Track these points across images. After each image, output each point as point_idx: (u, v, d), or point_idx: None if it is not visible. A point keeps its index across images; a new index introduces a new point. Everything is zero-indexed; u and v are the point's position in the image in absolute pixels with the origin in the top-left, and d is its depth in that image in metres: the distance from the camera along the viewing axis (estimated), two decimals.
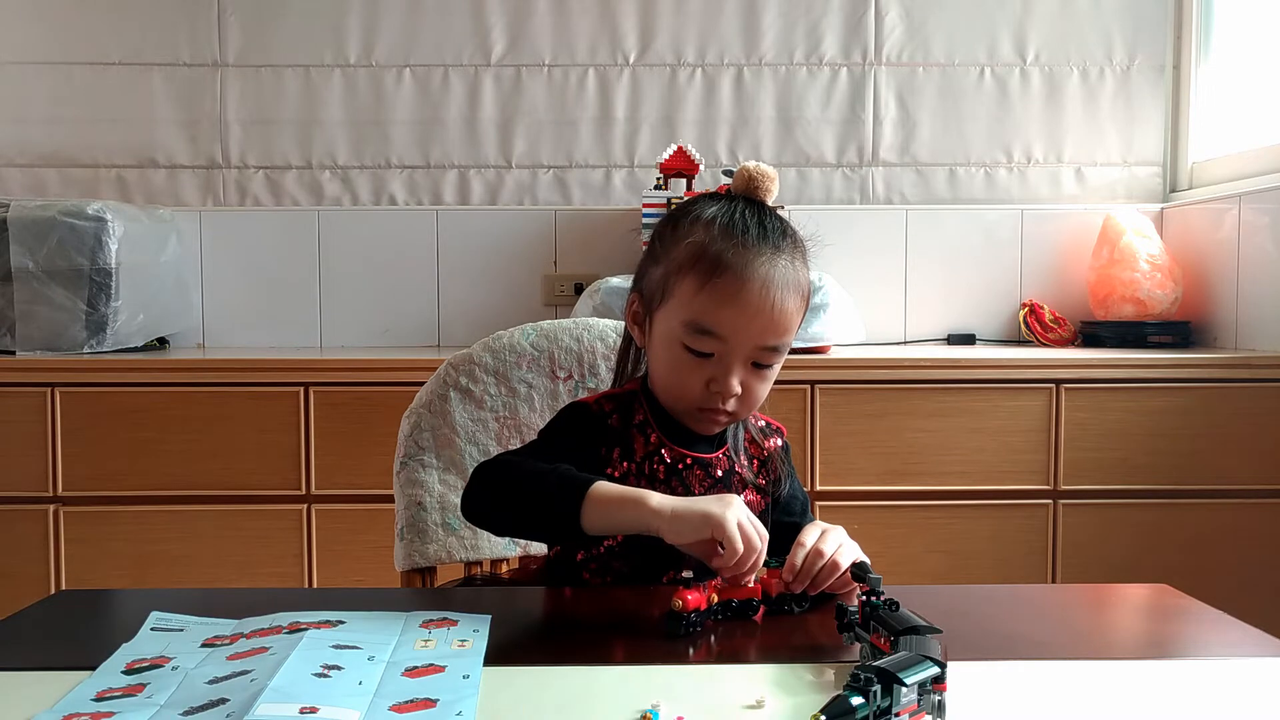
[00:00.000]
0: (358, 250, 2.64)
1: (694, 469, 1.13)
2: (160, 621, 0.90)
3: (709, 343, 1.06)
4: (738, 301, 1.04)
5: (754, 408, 1.12)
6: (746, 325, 1.05)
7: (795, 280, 1.07)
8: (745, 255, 1.05)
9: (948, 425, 2.12)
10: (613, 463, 1.11)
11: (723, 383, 1.06)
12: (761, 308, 1.05)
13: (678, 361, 1.08)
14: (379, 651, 0.81)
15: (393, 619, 0.90)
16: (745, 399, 1.09)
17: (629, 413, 1.14)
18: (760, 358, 1.08)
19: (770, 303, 1.05)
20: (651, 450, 1.12)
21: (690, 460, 1.13)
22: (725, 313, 1.05)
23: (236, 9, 2.63)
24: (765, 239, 1.07)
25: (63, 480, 2.09)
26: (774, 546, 0.98)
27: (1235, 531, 2.14)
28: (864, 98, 2.69)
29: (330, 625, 0.87)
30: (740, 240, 1.06)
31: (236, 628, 0.87)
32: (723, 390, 1.06)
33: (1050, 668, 0.81)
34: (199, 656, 0.81)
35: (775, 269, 1.06)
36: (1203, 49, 2.68)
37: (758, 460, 1.19)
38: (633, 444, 1.12)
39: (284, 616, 0.89)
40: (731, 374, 1.06)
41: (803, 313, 1.11)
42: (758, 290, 1.04)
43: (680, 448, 1.13)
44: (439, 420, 1.38)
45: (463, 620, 0.90)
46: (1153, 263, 2.48)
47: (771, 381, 1.11)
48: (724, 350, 1.06)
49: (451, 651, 0.82)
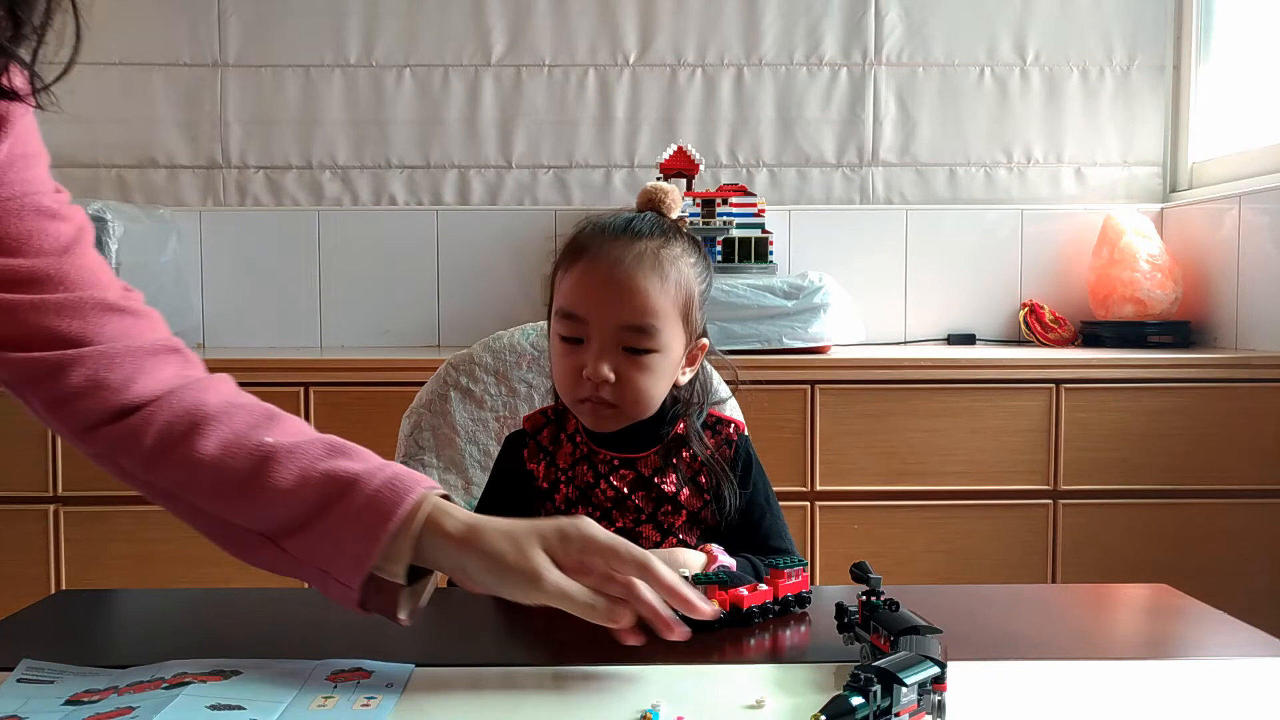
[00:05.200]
0: (358, 250, 2.64)
1: (619, 469, 1.13)
2: (31, 671, 0.79)
3: (574, 326, 1.08)
4: (591, 279, 1.08)
5: (641, 401, 1.09)
6: (599, 302, 1.07)
7: (656, 261, 1.08)
8: (602, 240, 1.10)
9: (948, 425, 2.12)
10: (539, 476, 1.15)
11: (591, 365, 1.06)
12: (613, 284, 1.07)
13: (558, 354, 1.11)
14: (263, 714, 0.71)
15: (296, 669, 0.79)
16: (624, 389, 1.08)
17: (564, 422, 1.16)
18: (628, 340, 1.07)
19: (622, 279, 1.07)
20: (579, 456, 1.14)
21: (616, 461, 1.13)
22: (581, 292, 1.08)
23: (236, 9, 2.63)
24: (629, 229, 1.11)
25: (63, 480, 2.09)
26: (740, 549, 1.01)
27: (1235, 531, 2.14)
28: (864, 98, 2.69)
29: (221, 677, 0.78)
30: (603, 230, 1.11)
31: (113, 680, 0.78)
32: (591, 373, 1.06)
33: (1050, 668, 0.81)
34: (54, 718, 0.72)
35: (630, 250, 1.08)
36: (1203, 49, 2.68)
37: (699, 459, 1.14)
38: (562, 453, 1.15)
39: (170, 666, 0.79)
40: (599, 358, 1.06)
41: (676, 300, 1.09)
42: (609, 267, 1.07)
43: (606, 449, 1.13)
44: (439, 420, 1.38)
45: (378, 671, 0.80)
46: (1153, 263, 2.48)
47: (660, 373, 1.09)
48: (588, 332, 1.08)
49: (349, 714, 0.72)
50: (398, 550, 0.78)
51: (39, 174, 0.82)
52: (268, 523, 0.81)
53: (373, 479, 0.80)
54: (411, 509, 0.79)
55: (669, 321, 1.09)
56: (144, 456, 0.82)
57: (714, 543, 1.08)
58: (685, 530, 1.13)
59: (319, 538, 0.79)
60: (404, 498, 0.79)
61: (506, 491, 1.17)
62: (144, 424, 0.81)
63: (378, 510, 0.78)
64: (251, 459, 0.80)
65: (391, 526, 0.78)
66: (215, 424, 0.81)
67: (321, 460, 0.81)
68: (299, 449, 0.81)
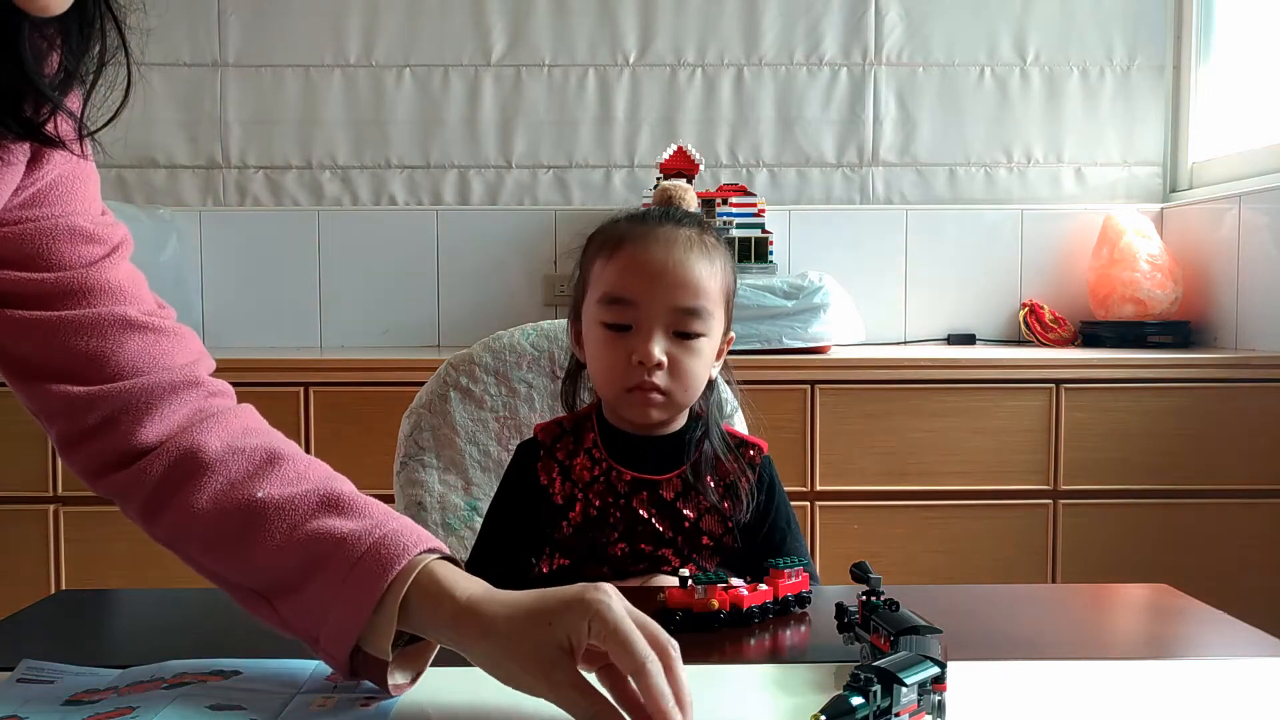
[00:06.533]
0: (358, 250, 2.64)
1: (640, 491, 1.10)
2: (31, 671, 0.79)
3: (623, 312, 1.07)
4: (641, 263, 1.07)
5: (689, 387, 1.08)
6: (653, 285, 1.06)
7: (702, 245, 1.09)
8: (646, 227, 1.10)
9: (948, 425, 2.12)
10: (552, 493, 1.11)
11: (642, 349, 1.05)
12: (666, 266, 1.06)
13: (601, 344, 1.09)
14: (263, 714, 0.70)
15: (296, 669, 0.79)
16: (675, 375, 1.07)
17: (581, 435, 1.14)
18: (679, 324, 1.07)
19: (674, 260, 1.07)
20: (598, 474, 1.11)
21: (637, 482, 1.10)
22: (631, 277, 1.07)
23: (236, 9, 2.63)
24: (667, 218, 1.12)
25: (63, 480, 2.09)
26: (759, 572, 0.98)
27: (1235, 531, 2.14)
28: (864, 98, 2.69)
29: (221, 677, 0.77)
30: (644, 219, 1.12)
31: (114, 680, 0.77)
32: (643, 357, 1.05)
33: (1050, 668, 0.81)
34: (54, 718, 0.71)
35: (678, 233, 1.09)
36: (1203, 49, 2.68)
37: (723, 484, 1.12)
38: (579, 468, 1.12)
39: (170, 667, 0.79)
40: (650, 340, 1.05)
41: (721, 286, 1.10)
42: (660, 250, 1.07)
43: (627, 469, 1.11)
44: (439, 420, 1.38)
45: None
46: (1153, 263, 2.48)
47: (706, 359, 1.09)
48: (638, 317, 1.06)
49: (351, 714, 0.71)
50: (381, 624, 0.71)
51: (82, 195, 0.80)
52: (259, 582, 0.76)
53: (359, 544, 0.73)
54: (396, 578, 0.71)
55: (716, 305, 1.09)
56: (140, 507, 0.79)
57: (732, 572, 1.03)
58: (707, 556, 1.11)
59: (306, 603, 0.74)
60: (390, 567, 0.71)
61: (517, 504, 1.14)
62: (143, 473, 0.78)
63: (360, 581, 0.71)
64: (240, 515, 0.75)
65: (372, 600, 0.71)
66: (210, 475, 0.77)
67: (310, 519, 0.75)
68: (290, 505, 0.76)
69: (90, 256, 0.79)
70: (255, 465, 0.78)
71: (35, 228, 0.76)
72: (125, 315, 0.79)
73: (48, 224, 0.77)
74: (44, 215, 0.77)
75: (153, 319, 0.82)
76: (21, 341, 0.77)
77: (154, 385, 0.79)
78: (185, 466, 0.77)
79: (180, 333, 0.84)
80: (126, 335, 0.79)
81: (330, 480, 0.80)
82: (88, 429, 0.79)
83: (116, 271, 0.81)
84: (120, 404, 0.78)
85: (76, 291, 0.78)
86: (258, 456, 0.79)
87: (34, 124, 0.68)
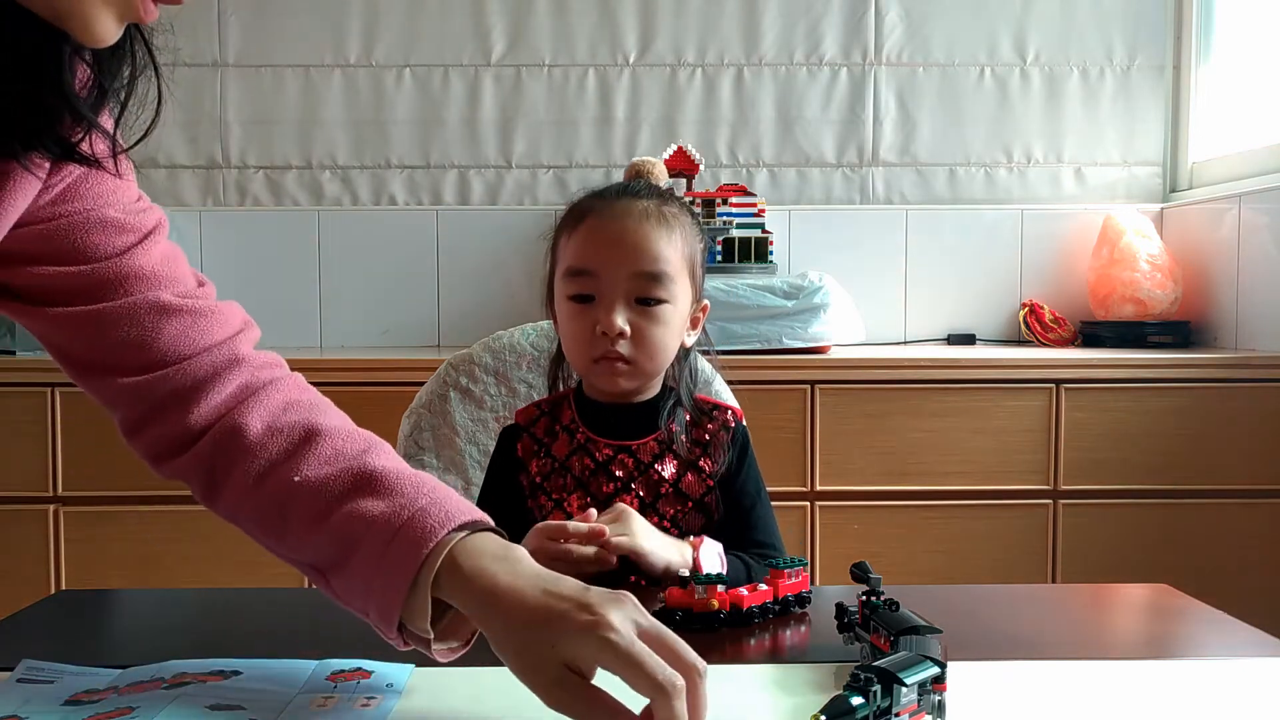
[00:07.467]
0: (358, 250, 2.64)
1: (617, 457, 1.14)
2: (31, 671, 0.79)
3: (585, 283, 1.10)
4: (599, 233, 1.10)
5: (655, 355, 1.11)
6: (610, 254, 1.09)
7: (660, 214, 1.11)
8: (604, 200, 1.13)
9: (948, 425, 2.12)
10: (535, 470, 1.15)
11: (605, 320, 1.08)
12: (623, 234, 1.09)
13: (569, 317, 1.12)
14: (263, 714, 0.71)
15: (297, 669, 0.79)
16: (639, 343, 1.09)
17: (559, 414, 1.17)
18: (640, 290, 1.09)
19: (630, 229, 1.09)
20: (575, 446, 1.15)
21: (613, 449, 1.14)
22: (590, 247, 1.10)
23: (236, 9, 2.63)
24: (626, 191, 1.15)
25: (63, 480, 2.09)
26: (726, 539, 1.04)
27: (1235, 531, 2.14)
28: (864, 98, 2.69)
29: (221, 677, 0.77)
30: (603, 194, 1.15)
31: (114, 680, 0.77)
32: (606, 327, 1.08)
33: (1050, 668, 0.81)
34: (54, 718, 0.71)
35: (635, 205, 1.12)
36: (1203, 49, 2.68)
37: (699, 445, 1.16)
38: (557, 444, 1.15)
39: (170, 667, 0.79)
40: (612, 311, 1.08)
41: (683, 254, 1.12)
42: (617, 219, 1.10)
43: (603, 437, 1.14)
44: (439, 420, 1.38)
45: (379, 671, 0.79)
46: (1153, 263, 2.49)
47: (673, 327, 1.12)
48: (600, 288, 1.09)
49: (351, 713, 0.72)
50: (416, 605, 0.71)
51: (112, 186, 0.80)
52: (310, 560, 0.77)
53: (389, 527, 0.72)
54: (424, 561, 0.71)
55: (678, 272, 1.11)
56: (200, 492, 0.81)
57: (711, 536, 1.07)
58: (687, 518, 1.13)
59: (350, 583, 0.74)
60: (418, 550, 0.71)
61: (502, 487, 1.17)
62: (197, 458, 0.80)
63: (392, 567, 0.71)
64: (279, 500, 0.77)
65: (404, 586, 0.70)
66: (250, 459, 0.78)
67: (343, 501, 0.75)
68: (324, 488, 0.76)
69: (122, 245, 0.80)
70: (293, 444, 0.79)
71: (68, 222, 0.78)
72: (159, 300, 0.80)
73: (79, 218, 0.78)
74: (75, 210, 0.78)
75: (188, 300, 0.82)
76: (71, 338, 0.80)
77: (197, 369, 0.81)
78: (229, 451, 0.79)
79: (219, 310, 0.85)
80: (163, 320, 0.80)
81: (364, 455, 0.80)
82: (142, 418, 0.81)
83: (149, 257, 0.82)
84: (167, 391, 0.80)
85: (111, 282, 0.79)
86: (296, 434, 0.80)
87: (71, 144, 0.70)
